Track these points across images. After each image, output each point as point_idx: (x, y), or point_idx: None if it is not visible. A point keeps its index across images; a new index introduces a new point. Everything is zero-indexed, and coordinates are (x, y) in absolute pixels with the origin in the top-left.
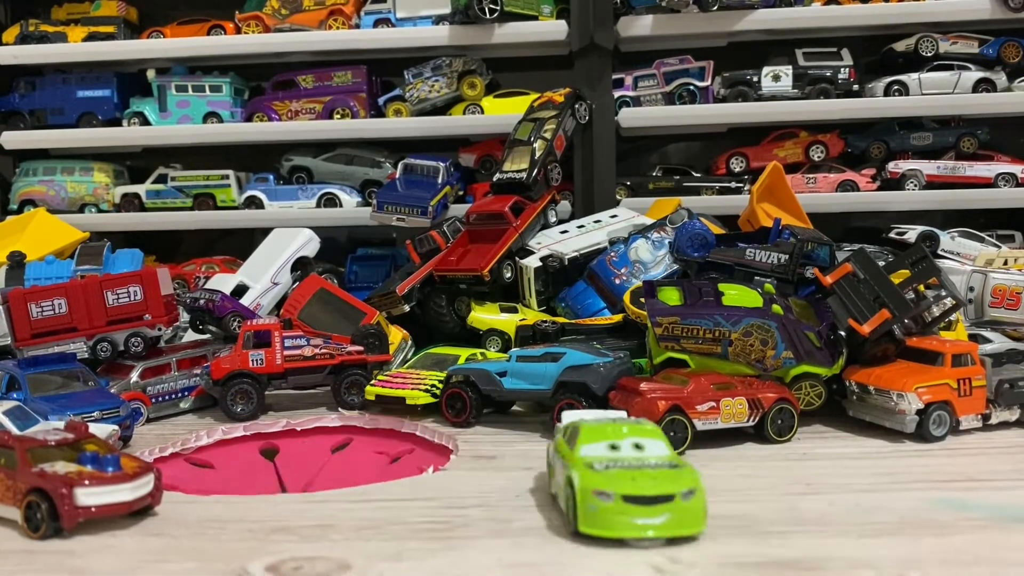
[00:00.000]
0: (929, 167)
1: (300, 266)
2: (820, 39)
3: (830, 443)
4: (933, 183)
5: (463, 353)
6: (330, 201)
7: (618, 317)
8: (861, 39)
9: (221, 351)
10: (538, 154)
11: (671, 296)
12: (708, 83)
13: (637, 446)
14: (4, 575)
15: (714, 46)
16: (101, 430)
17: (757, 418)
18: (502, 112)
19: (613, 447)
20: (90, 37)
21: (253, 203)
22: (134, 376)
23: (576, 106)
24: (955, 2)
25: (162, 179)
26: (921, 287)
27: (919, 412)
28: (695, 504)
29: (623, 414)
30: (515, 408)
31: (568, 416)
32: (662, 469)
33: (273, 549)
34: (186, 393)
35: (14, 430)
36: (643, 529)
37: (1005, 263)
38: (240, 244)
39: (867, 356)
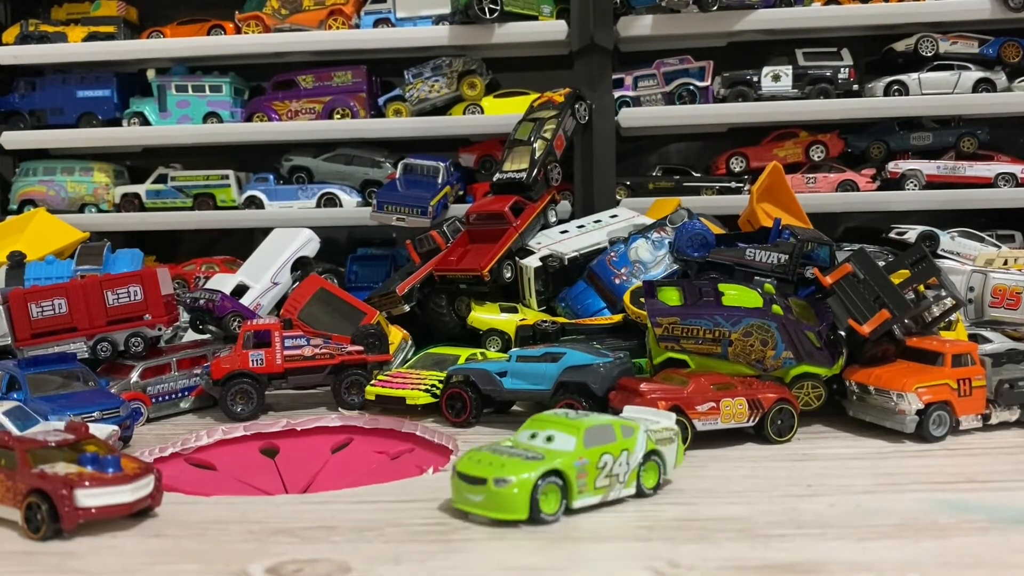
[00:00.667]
0: (929, 167)
1: (300, 266)
2: (820, 39)
3: (830, 443)
4: (933, 183)
5: (463, 353)
6: (330, 201)
7: (618, 317)
8: (861, 39)
9: (221, 351)
10: (538, 154)
11: (671, 296)
12: (708, 83)
13: (548, 438)
14: None
15: (714, 46)
16: (101, 430)
17: (757, 418)
18: (502, 112)
19: (532, 436)
20: (90, 37)
21: (253, 203)
22: (134, 376)
23: (576, 106)
24: (955, 2)
25: (162, 179)
26: (921, 287)
27: (919, 412)
28: (509, 493)
29: (639, 412)
30: (515, 408)
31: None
32: (517, 458)
33: (274, 551)
34: (186, 393)
35: (14, 430)
36: (470, 504)
37: (1005, 263)
38: (240, 244)
39: (867, 356)
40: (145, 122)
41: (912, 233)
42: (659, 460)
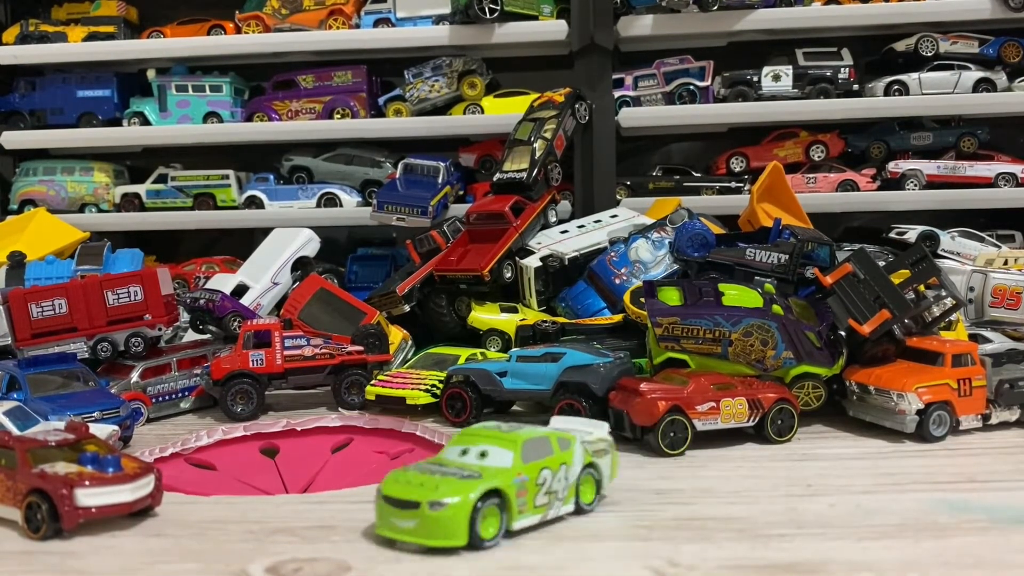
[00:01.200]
0: (929, 167)
1: (300, 266)
2: (820, 39)
3: (830, 443)
4: (933, 183)
5: (463, 353)
6: (330, 201)
7: (618, 317)
8: (861, 39)
9: (221, 351)
10: (538, 154)
11: (671, 296)
12: (708, 83)
13: (482, 454)
14: None
15: (714, 46)
16: (101, 430)
17: (757, 418)
18: (502, 112)
19: (463, 452)
20: (90, 37)
21: (253, 203)
22: (134, 376)
23: (576, 106)
24: (955, 2)
25: (162, 179)
26: (921, 287)
27: (919, 412)
28: (446, 516)
29: (570, 423)
30: (515, 408)
31: (558, 421)
32: (452, 478)
33: (273, 550)
34: (186, 393)
35: (14, 430)
36: (398, 531)
37: (1005, 263)
38: (240, 244)
39: (867, 356)
40: (145, 122)
41: (912, 233)
42: (595, 473)
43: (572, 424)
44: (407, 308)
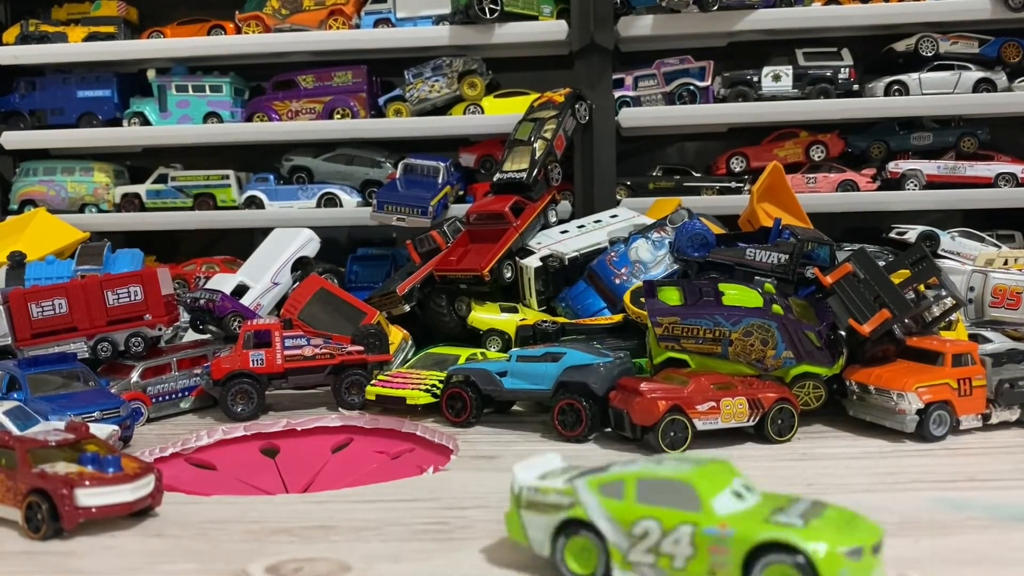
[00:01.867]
0: (929, 167)
1: (300, 266)
2: (820, 39)
3: (830, 443)
4: (933, 183)
5: (463, 353)
6: (330, 201)
7: (618, 317)
8: (861, 39)
9: (221, 351)
10: (538, 154)
11: (671, 296)
12: (708, 83)
13: (739, 495)
14: None
15: (714, 46)
16: (101, 430)
17: (757, 418)
18: (502, 112)
19: (739, 494)
20: (90, 37)
21: (253, 203)
22: (134, 376)
23: (576, 106)
24: (955, 2)
25: (162, 179)
26: (921, 287)
27: (919, 412)
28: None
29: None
30: (515, 408)
31: (527, 471)
32: (826, 515)
33: (273, 550)
34: (186, 393)
35: (14, 430)
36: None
37: (1005, 263)
38: (240, 244)
39: (867, 356)
40: (145, 122)
41: (912, 233)
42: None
43: (533, 470)
44: (407, 308)
